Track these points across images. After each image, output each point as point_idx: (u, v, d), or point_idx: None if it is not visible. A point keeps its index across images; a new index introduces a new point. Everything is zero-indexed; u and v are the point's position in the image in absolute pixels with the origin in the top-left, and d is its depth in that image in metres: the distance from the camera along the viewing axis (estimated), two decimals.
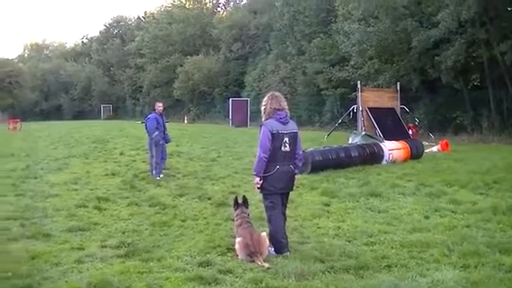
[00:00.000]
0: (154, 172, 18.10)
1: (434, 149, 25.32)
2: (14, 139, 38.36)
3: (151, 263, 8.40)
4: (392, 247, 9.07)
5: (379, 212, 12.01)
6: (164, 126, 18.49)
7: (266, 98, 9.16)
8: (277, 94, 9.29)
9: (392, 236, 9.77)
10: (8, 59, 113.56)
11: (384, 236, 9.79)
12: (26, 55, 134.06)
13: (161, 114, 18.50)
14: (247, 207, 9.51)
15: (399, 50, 35.90)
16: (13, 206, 13.21)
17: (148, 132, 18.28)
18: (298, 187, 11.86)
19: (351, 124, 35.97)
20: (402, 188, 15.03)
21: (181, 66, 72.18)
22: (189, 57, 72.12)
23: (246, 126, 53.67)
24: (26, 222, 11.42)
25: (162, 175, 18.05)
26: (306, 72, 50.36)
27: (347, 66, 42.30)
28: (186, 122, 64.97)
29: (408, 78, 36.09)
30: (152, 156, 18.22)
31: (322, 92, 48.15)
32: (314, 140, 29.82)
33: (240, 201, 9.52)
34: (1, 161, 23.75)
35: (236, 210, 9.43)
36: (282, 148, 8.85)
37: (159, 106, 18.74)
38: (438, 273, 7.72)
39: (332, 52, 45.52)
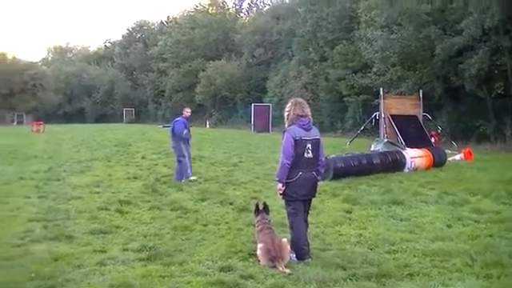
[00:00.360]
0: (189, 171, 18.35)
1: (457, 157, 25.11)
2: (37, 141, 38.64)
3: (173, 267, 8.42)
4: (414, 256, 9.01)
5: (401, 220, 11.93)
6: (189, 131, 18.67)
7: (289, 104, 9.16)
8: (300, 100, 9.28)
9: (414, 244, 9.71)
10: (32, 62, 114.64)
11: (406, 244, 9.73)
12: (49, 58, 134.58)
13: (187, 119, 18.72)
14: (268, 213, 9.51)
15: (422, 58, 35.70)
16: (36, 208, 13.33)
17: (176, 134, 18.35)
18: (319, 194, 11.84)
19: (373, 131, 35.80)
20: (425, 196, 14.93)
21: (203, 70, 72.23)
22: (211, 62, 72.17)
23: (268, 131, 53.60)
24: (48, 223, 11.51)
25: (184, 179, 18.13)
26: (329, 78, 50.20)
27: (370, 72, 42.10)
28: (207, 126, 65.04)
29: (431, 86, 35.86)
30: (184, 156, 18.33)
31: (345, 98, 48.00)
32: (336, 146, 29.74)
33: (261, 207, 9.54)
34: (25, 163, 23.95)
35: (257, 216, 9.44)
36: (305, 154, 8.83)
37: (188, 111, 18.99)
38: (460, 282, 7.66)
39: (355, 59, 45.42)
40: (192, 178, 18.22)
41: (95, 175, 19.82)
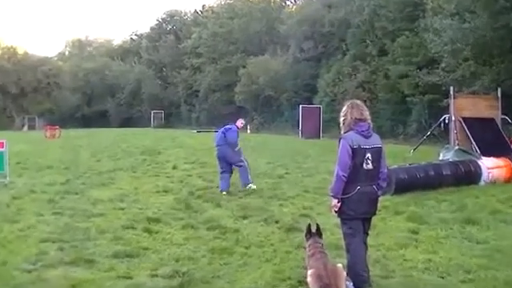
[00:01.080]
0: (249, 178, 19.11)
1: None
2: (51, 149, 39.06)
3: None
4: (494, 286, 8.86)
5: (477, 243, 11.76)
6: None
7: (345, 108, 9.05)
8: (358, 102, 9.20)
9: (494, 273, 9.54)
10: (46, 57, 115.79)
11: (484, 272, 9.57)
12: (66, 53, 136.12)
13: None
14: (321, 236, 9.43)
15: (500, 50, 35.24)
16: (50, 227, 13.39)
17: (229, 143, 18.97)
18: (379, 211, 11.71)
19: (442, 137, 35.49)
20: (505, 215, 14.70)
21: (243, 67, 72.57)
22: (253, 57, 72.46)
23: (318, 137, 53.51)
24: (65, 245, 11.55)
25: (248, 185, 18.89)
26: (389, 75, 49.98)
27: (437, 68, 41.69)
28: (248, 131, 64.82)
29: (511, 83, 35.40)
30: (242, 160, 19.14)
31: (408, 99, 47.65)
32: (397, 155, 29.54)
33: (313, 229, 9.46)
34: (37, 174, 24.17)
35: (308, 239, 9.36)
36: (364, 165, 8.72)
37: (242, 122, 19.95)
38: None
39: (419, 52, 45.10)
40: (252, 186, 18.97)
41: (119, 188, 19.97)
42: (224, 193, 18.37)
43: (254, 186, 18.88)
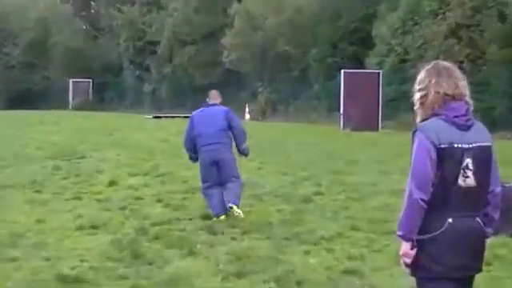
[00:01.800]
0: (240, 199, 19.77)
1: None
2: None
3: None
4: None
5: None
6: None
7: (423, 74, 8.68)
8: (446, 64, 8.78)
9: None
10: None
11: None
12: None
13: None
14: None
15: None
16: None
17: (238, 135, 19.78)
18: (489, 265, 11.70)
19: None
20: None
21: (238, 0, 72.31)
22: None
23: (376, 128, 53.53)
24: None
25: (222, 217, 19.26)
26: (506, 15, 49.86)
27: None
28: (247, 117, 64.89)
29: None
30: (239, 175, 20.11)
31: None
32: None
33: None
34: None
35: None
36: (460, 180, 8.42)
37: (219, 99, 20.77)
38: None
39: None
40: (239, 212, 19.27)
41: (9, 221, 19.84)
42: (221, 218, 18.87)
43: (242, 215, 19.07)
